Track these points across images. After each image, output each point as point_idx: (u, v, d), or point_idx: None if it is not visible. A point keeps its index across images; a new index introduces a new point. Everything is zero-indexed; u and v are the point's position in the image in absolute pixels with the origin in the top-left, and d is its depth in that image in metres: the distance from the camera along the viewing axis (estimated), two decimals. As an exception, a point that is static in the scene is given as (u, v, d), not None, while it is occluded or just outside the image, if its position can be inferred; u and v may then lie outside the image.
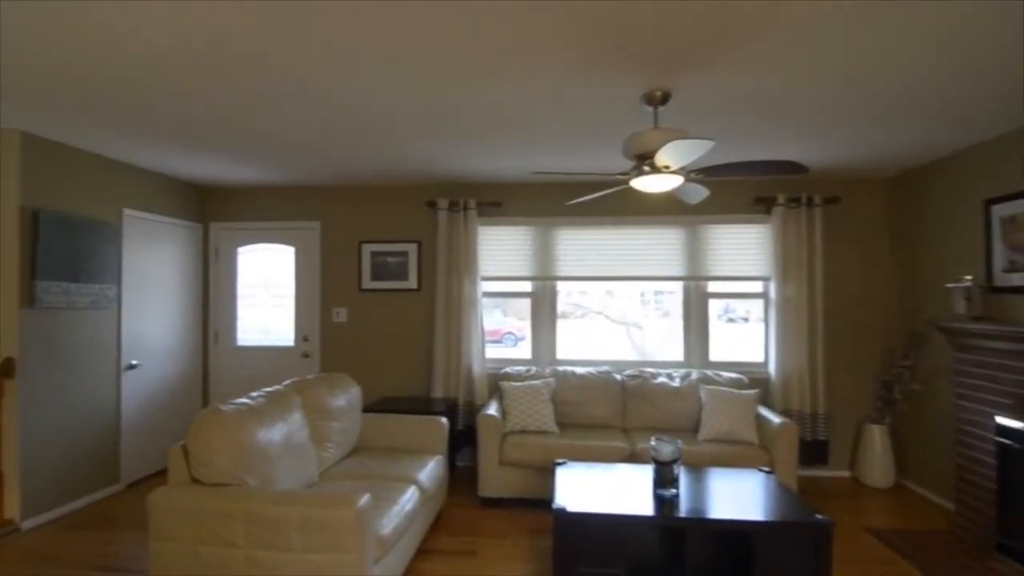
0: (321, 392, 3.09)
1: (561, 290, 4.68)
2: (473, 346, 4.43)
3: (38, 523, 3.35)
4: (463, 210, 4.50)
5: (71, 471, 3.60)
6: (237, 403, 2.48)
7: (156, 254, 4.40)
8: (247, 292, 4.97)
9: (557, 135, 3.29)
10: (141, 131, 3.31)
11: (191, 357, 4.79)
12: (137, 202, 4.20)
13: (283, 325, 4.90)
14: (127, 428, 4.09)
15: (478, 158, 3.84)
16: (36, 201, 3.39)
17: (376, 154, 3.76)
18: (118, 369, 4.01)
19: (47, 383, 3.45)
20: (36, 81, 2.54)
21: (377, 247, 4.73)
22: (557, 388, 4.12)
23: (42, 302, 3.39)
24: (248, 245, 4.96)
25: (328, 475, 2.94)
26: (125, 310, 4.06)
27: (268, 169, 4.22)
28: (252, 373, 4.90)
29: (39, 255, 3.38)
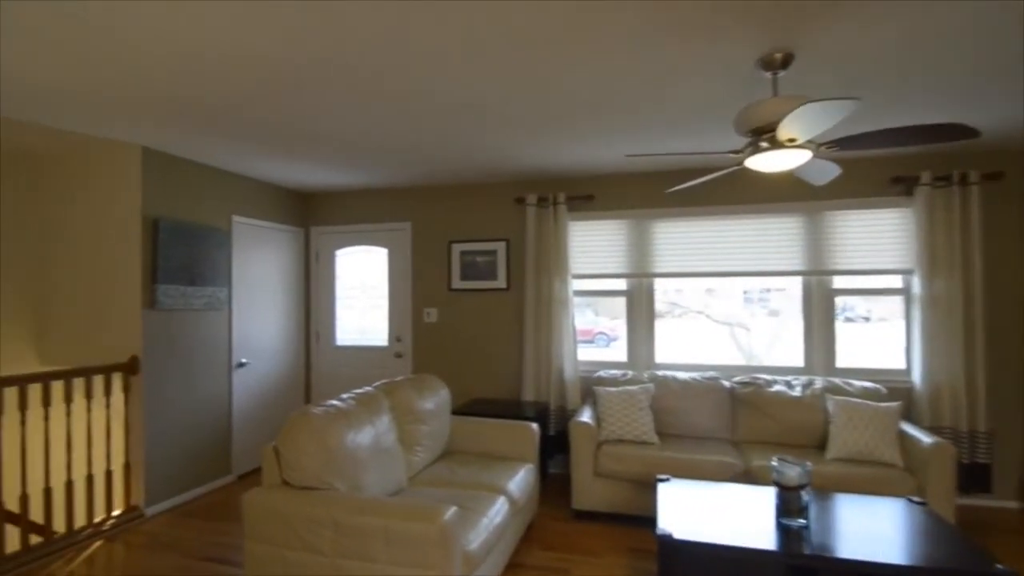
0: (410, 394, 3.03)
1: (657, 288, 4.33)
2: (564, 348, 4.22)
3: (159, 510, 3.61)
4: (552, 205, 4.30)
5: (188, 462, 3.85)
6: (327, 405, 2.46)
7: (262, 258, 4.63)
8: (345, 293, 5.11)
9: (654, 117, 2.99)
10: (248, 143, 3.45)
11: (295, 356, 5.00)
12: (245, 209, 4.43)
13: (378, 325, 4.98)
14: (237, 423, 4.32)
15: (568, 149, 3.62)
16: (155, 210, 3.65)
17: (464, 151, 3.66)
18: (229, 367, 4.25)
19: (167, 380, 3.70)
20: (155, 101, 2.70)
21: (466, 246, 4.66)
22: (656, 394, 3.80)
23: (162, 304, 3.65)
24: (345, 248, 5.10)
25: (417, 480, 2.86)
26: (235, 311, 4.30)
27: (362, 172, 4.28)
28: (350, 372, 5.03)
29: (159, 260, 3.63)
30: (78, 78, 2.45)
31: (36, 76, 2.42)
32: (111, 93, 2.63)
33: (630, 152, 3.63)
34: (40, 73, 2.39)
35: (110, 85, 2.53)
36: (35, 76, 2.42)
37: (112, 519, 3.35)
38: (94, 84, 2.52)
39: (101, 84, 2.52)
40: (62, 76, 2.42)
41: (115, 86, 2.55)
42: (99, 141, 3.45)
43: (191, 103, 2.78)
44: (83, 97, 2.68)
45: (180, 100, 2.74)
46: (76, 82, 2.49)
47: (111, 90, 2.59)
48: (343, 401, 2.57)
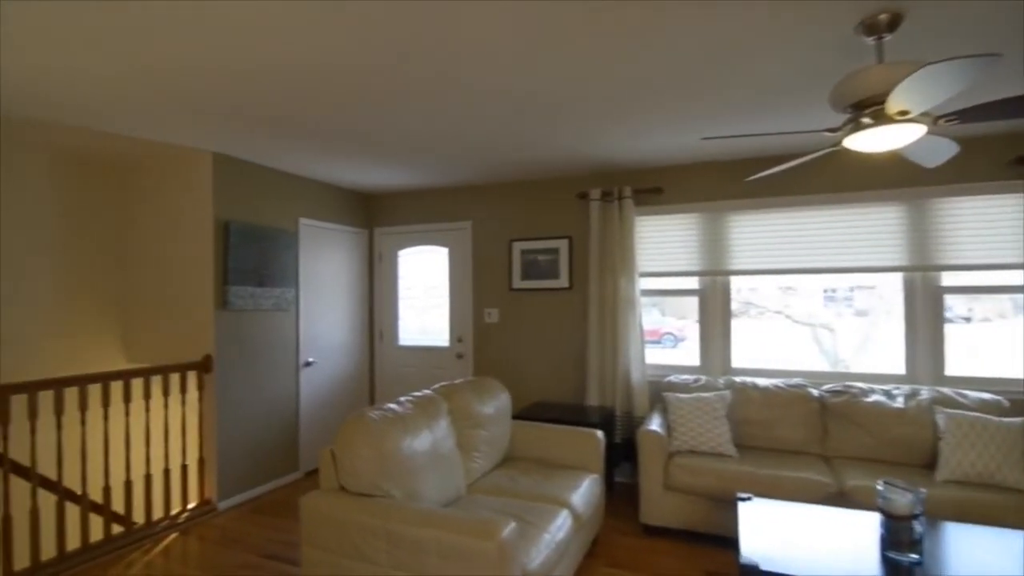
0: (469, 398, 2.92)
1: (732, 287, 4.00)
2: (631, 350, 3.98)
3: (231, 504, 3.71)
4: (617, 199, 4.07)
5: (258, 458, 3.95)
6: (384, 409, 2.39)
7: (328, 259, 4.70)
8: (407, 293, 5.12)
9: (735, 96, 2.71)
10: (315, 146, 3.49)
11: (359, 355, 5.05)
12: (311, 211, 4.51)
13: (439, 325, 4.95)
14: (305, 421, 4.40)
15: (634, 138, 3.40)
16: (226, 213, 3.76)
17: (528, 145, 3.52)
18: (297, 366, 4.33)
19: (238, 378, 3.80)
20: (225, 108, 2.75)
21: (527, 244, 4.52)
22: (734, 402, 3.49)
23: (233, 305, 3.75)
24: (407, 248, 5.10)
25: (476, 488, 2.75)
26: (302, 311, 4.38)
27: (424, 172, 4.24)
28: (412, 372, 5.02)
29: (230, 262, 3.74)
30: (158, 91, 2.52)
31: (120, 88, 2.51)
32: (188, 104, 2.69)
33: (708, 135, 3.34)
34: (124, 86, 2.48)
35: (188, 97, 2.59)
36: (119, 88, 2.51)
37: (187, 512, 3.47)
38: (173, 96, 2.58)
39: (180, 96, 2.59)
40: (143, 89, 2.50)
41: (193, 98, 2.61)
42: (174, 148, 3.59)
43: (263, 112, 2.82)
44: (161, 108, 2.76)
45: (253, 109, 2.78)
46: (156, 94, 2.57)
47: (188, 101, 2.66)
48: (400, 404, 2.50)
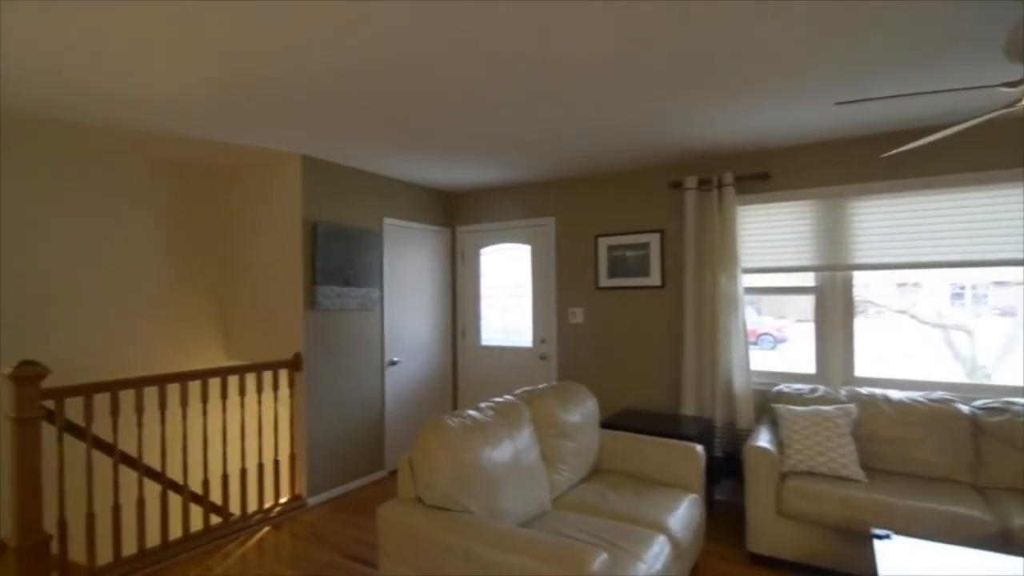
0: (553, 405, 2.72)
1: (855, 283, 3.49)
2: (733, 355, 3.59)
3: (319, 501, 3.77)
4: (717, 188, 3.69)
5: (345, 456, 3.99)
6: (463, 416, 2.25)
7: (411, 258, 4.69)
8: (489, 292, 5.01)
9: (862, 62, 2.30)
10: (399, 145, 3.45)
11: (442, 355, 5.02)
12: (395, 211, 4.51)
13: (522, 325, 4.79)
14: (390, 419, 4.42)
15: (738, 116, 3.02)
16: (314, 215, 3.82)
17: (613, 132, 3.26)
18: (382, 365, 4.35)
19: (326, 377, 3.86)
20: (313, 109, 2.75)
21: (614, 240, 4.24)
22: (861, 418, 3.02)
23: (321, 305, 3.80)
24: (489, 246, 4.99)
25: (561, 503, 2.54)
26: (386, 311, 4.39)
27: (506, 167, 4.09)
28: (494, 372, 4.90)
29: (318, 263, 3.79)
30: (252, 97, 2.55)
31: (218, 99, 2.57)
32: (279, 108, 2.72)
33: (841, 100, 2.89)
34: (222, 96, 2.53)
35: (279, 101, 2.61)
36: (217, 99, 2.57)
37: (279, 506, 3.56)
38: (265, 101, 2.61)
39: (272, 100, 2.61)
40: (239, 97, 2.54)
41: (284, 101, 2.63)
42: (266, 153, 3.69)
43: (350, 112, 2.79)
44: (254, 114, 2.81)
45: (340, 109, 2.75)
46: (250, 101, 2.60)
47: (280, 105, 2.68)
48: (480, 411, 2.34)
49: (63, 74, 2.40)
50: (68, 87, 2.55)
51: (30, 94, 2.62)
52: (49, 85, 2.52)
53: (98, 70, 2.38)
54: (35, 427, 2.53)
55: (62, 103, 2.74)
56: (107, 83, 2.51)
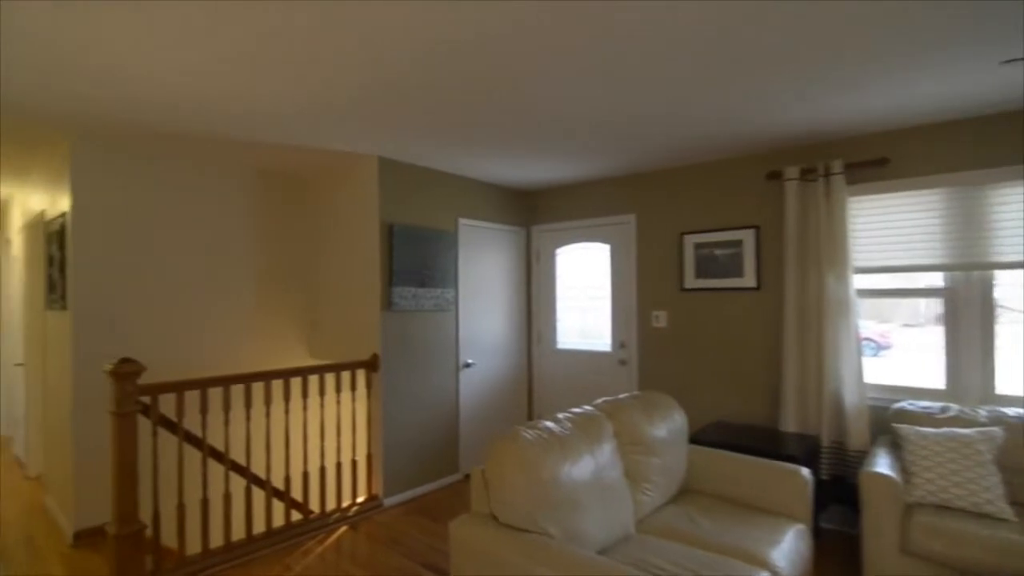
0: (637, 418, 2.49)
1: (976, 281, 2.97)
2: (843, 365, 3.18)
3: (395, 502, 3.75)
4: (823, 177, 3.29)
5: (420, 458, 3.96)
6: (539, 428, 2.09)
7: (486, 259, 4.61)
8: (565, 294, 4.83)
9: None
10: (474, 143, 3.36)
11: (517, 358, 4.89)
12: (470, 211, 4.44)
13: (600, 329, 4.56)
14: (464, 422, 4.35)
15: (857, 95, 2.65)
16: (390, 216, 3.82)
17: (701, 117, 2.98)
18: (456, 367, 4.29)
19: (401, 378, 3.84)
20: (389, 108, 2.73)
21: (702, 238, 3.92)
22: (1007, 444, 2.55)
23: (397, 306, 3.79)
24: (566, 245, 4.80)
25: (647, 526, 2.32)
26: (461, 312, 4.33)
27: (583, 163, 3.90)
28: (571, 377, 4.72)
29: (394, 264, 3.79)
30: (332, 100, 2.55)
31: (301, 104, 2.60)
32: (357, 107, 2.70)
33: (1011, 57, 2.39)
34: (304, 100, 2.55)
35: (357, 99, 2.59)
36: (300, 104, 2.60)
37: (356, 506, 3.57)
38: (344, 102, 2.60)
39: (349, 100, 2.60)
40: (320, 100, 2.55)
41: (361, 100, 2.61)
42: (345, 156, 3.73)
43: (424, 104, 2.72)
44: (334, 116, 2.82)
45: (414, 101, 2.69)
46: (330, 104, 2.61)
47: (357, 105, 2.66)
48: (558, 423, 2.17)
49: (175, 91, 2.49)
50: (178, 104, 2.66)
51: (141, 109, 2.76)
52: (162, 102, 2.64)
53: (205, 87, 2.47)
54: (132, 421, 2.65)
55: (176, 119, 2.87)
56: (213, 98, 2.60)
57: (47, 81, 2.45)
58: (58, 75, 2.39)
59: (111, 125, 3.08)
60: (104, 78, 2.44)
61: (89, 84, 2.51)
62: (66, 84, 2.49)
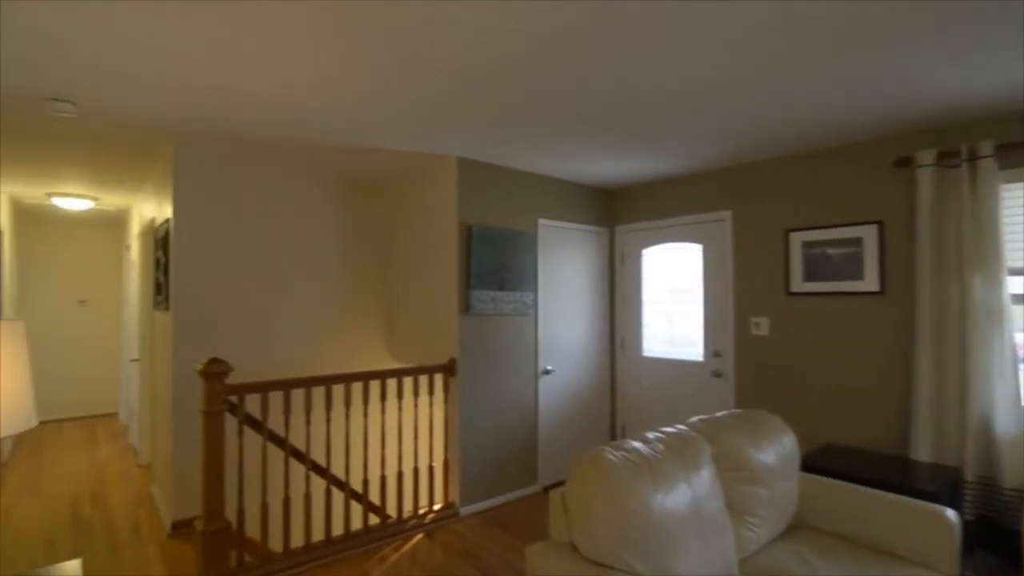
0: (740, 440, 2.19)
1: None
2: (995, 384, 2.67)
3: (471, 511, 3.64)
4: (967, 162, 2.78)
5: (497, 467, 3.83)
6: (627, 449, 1.86)
7: (567, 261, 4.41)
8: (652, 297, 4.52)
9: None
10: (553, 138, 3.19)
11: (599, 365, 4.64)
12: (550, 211, 4.27)
13: (691, 336, 4.21)
14: (544, 432, 4.17)
15: (1007, 52, 2.19)
16: (469, 217, 3.72)
17: (809, 95, 2.61)
18: (535, 373, 4.12)
19: (479, 384, 3.73)
20: (465, 109, 2.62)
21: (812, 235, 3.48)
22: None
23: (475, 309, 3.69)
24: (652, 246, 4.50)
25: (751, 566, 2.02)
26: (541, 316, 4.16)
27: (671, 156, 3.60)
28: (659, 388, 4.39)
29: (472, 266, 3.69)
30: (414, 101, 2.49)
31: (383, 104, 2.56)
32: (437, 106, 2.62)
33: None
34: (384, 99, 2.51)
35: (437, 97, 2.51)
36: (382, 104, 2.56)
37: (432, 513, 3.50)
38: (425, 101, 2.53)
39: (430, 98, 2.52)
40: (402, 101, 2.50)
41: (440, 99, 2.52)
42: (425, 157, 3.68)
43: (504, 98, 2.59)
44: (415, 116, 2.76)
45: (495, 96, 2.57)
46: (411, 104, 2.55)
47: (438, 102, 2.58)
48: (648, 444, 1.93)
49: (274, 103, 2.54)
50: (273, 114, 2.73)
51: (239, 120, 2.85)
52: (260, 115, 2.71)
53: (301, 97, 2.51)
54: (220, 419, 2.72)
55: (269, 126, 2.94)
56: (306, 107, 2.63)
57: (159, 95, 2.56)
58: (168, 90, 2.49)
59: (210, 135, 3.22)
60: (211, 93, 2.54)
61: (196, 99, 2.62)
62: (175, 98, 2.61)
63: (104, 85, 2.48)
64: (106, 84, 2.47)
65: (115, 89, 2.52)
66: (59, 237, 6.74)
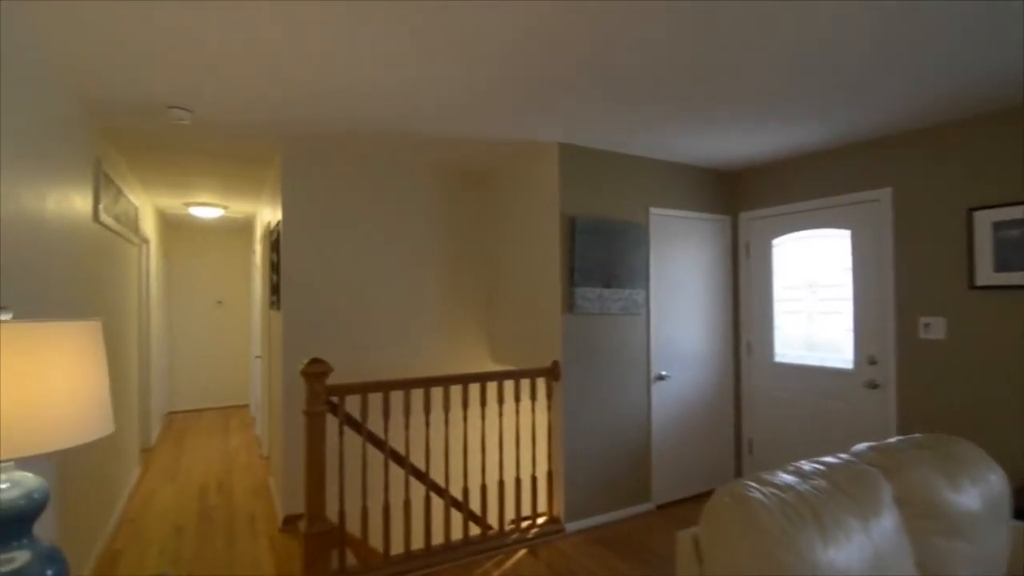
0: (930, 477, 1.68)
1: None
2: None
3: (576, 528, 3.34)
4: None
5: (604, 481, 3.49)
6: (779, 484, 1.47)
7: (682, 254, 3.95)
8: (785, 294, 3.92)
9: None
10: (665, 113, 2.81)
11: (721, 372, 4.13)
12: (663, 199, 3.85)
13: (836, 339, 3.58)
14: (657, 444, 3.76)
15: None
16: (572, 208, 3.43)
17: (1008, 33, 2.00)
18: (647, 379, 3.73)
19: (584, 389, 3.43)
20: (573, 86, 2.35)
21: (1006, 213, 2.76)
22: None
23: (579, 308, 3.39)
24: (785, 235, 3.90)
25: (954, 648, 1.52)
26: (653, 316, 3.76)
27: (809, 124, 3.05)
28: (795, 400, 3.80)
29: (576, 262, 3.39)
30: (509, 81, 2.27)
31: (479, 89, 2.37)
32: (534, 82, 2.38)
33: None
34: (481, 84, 2.32)
35: (533, 71, 2.27)
36: (479, 87, 2.37)
37: (536, 527, 3.25)
38: (520, 79, 2.30)
39: (526, 75, 2.28)
40: (498, 82, 2.29)
41: (538, 72, 2.27)
42: (523, 145, 3.45)
43: (606, 67, 2.28)
44: (512, 97, 2.54)
45: (596, 67, 2.27)
46: (507, 84, 2.33)
47: (535, 79, 2.34)
48: (804, 479, 1.52)
49: (376, 103, 2.46)
50: (375, 110, 2.65)
51: (342, 120, 2.81)
52: (363, 113, 2.65)
53: (387, 83, 2.37)
54: (321, 420, 2.67)
55: (371, 121, 2.88)
56: (393, 93, 2.50)
57: (267, 97, 2.57)
58: (276, 91, 2.47)
59: (312, 137, 3.24)
60: (317, 95, 2.52)
61: (301, 100, 2.63)
62: (282, 100, 2.61)
63: (217, 90, 2.52)
64: (218, 89, 2.51)
65: (227, 93, 2.56)
66: (197, 244, 7.43)
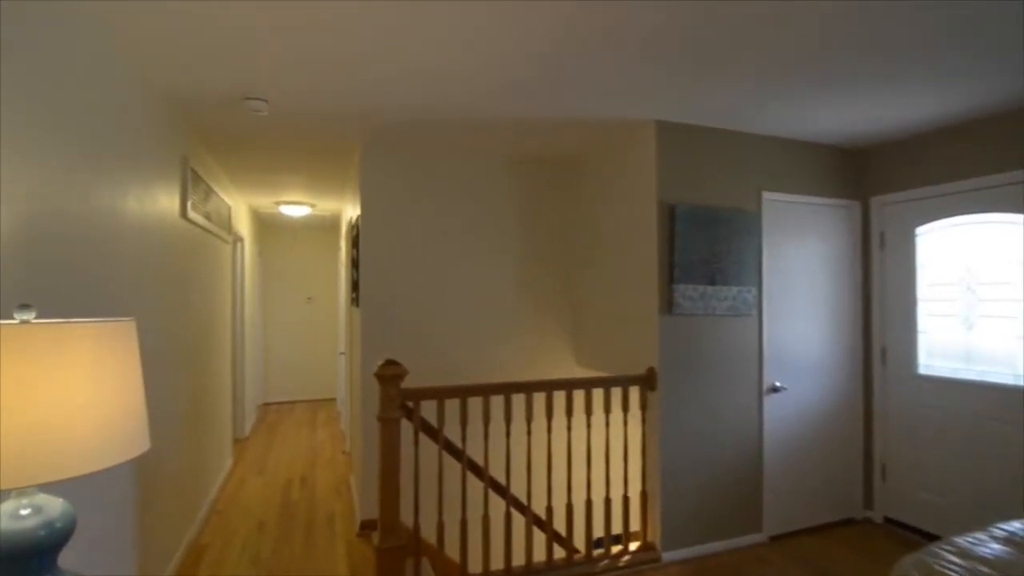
0: None
1: None
2: None
3: (674, 558, 2.94)
4: None
5: (709, 507, 3.06)
6: (979, 557, 1.04)
7: (800, 246, 3.41)
8: (932, 293, 3.26)
9: None
10: (781, 78, 2.35)
11: (847, 384, 3.53)
12: (777, 182, 3.33)
13: (1002, 348, 2.91)
14: (771, 466, 3.26)
15: None
16: (671, 194, 3.03)
17: None
18: (759, 391, 3.24)
19: (684, 401, 3.02)
20: (670, 56, 1.98)
21: None
22: None
23: (679, 308, 2.99)
24: (931, 222, 3.25)
25: None
26: (766, 318, 3.26)
27: (962, 84, 2.44)
28: (947, 423, 3.14)
29: (676, 256, 2.99)
30: (597, 49, 1.95)
31: (564, 55, 2.08)
32: (627, 46, 2.04)
33: None
34: (571, 57, 2.02)
35: (624, 36, 1.93)
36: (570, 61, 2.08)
37: (628, 555, 2.90)
38: (610, 47, 1.97)
39: (621, 45, 1.95)
40: (588, 51, 1.98)
41: (631, 35, 1.93)
42: (615, 125, 3.08)
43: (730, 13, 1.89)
44: (602, 66, 2.21)
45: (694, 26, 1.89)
46: (603, 49, 2.01)
47: (628, 43, 2.00)
48: (1015, 547, 1.07)
49: (457, 87, 2.25)
50: (454, 96, 2.44)
51: (420, 108, 2.63)
52: (442, 100, 2.46)
53: (464, 60, 2.14)
54: (396, 427, 2.49)
55: (436, 105, 2.69)
56: (470, 72, 2.27)
57: (345, 89, 2.43)
58: (354, 85, 2.32)
59: (390, 128, 3.10)
60: (394, 76, 2.36)
61: (378, 85, 2.49)
62: (359, 89, 2.48)
63: (293, 79, 2.41)
64: (295, 78, 2.40)
65: (304, 82, 2.44)
66: (289, 241, 7.70)
